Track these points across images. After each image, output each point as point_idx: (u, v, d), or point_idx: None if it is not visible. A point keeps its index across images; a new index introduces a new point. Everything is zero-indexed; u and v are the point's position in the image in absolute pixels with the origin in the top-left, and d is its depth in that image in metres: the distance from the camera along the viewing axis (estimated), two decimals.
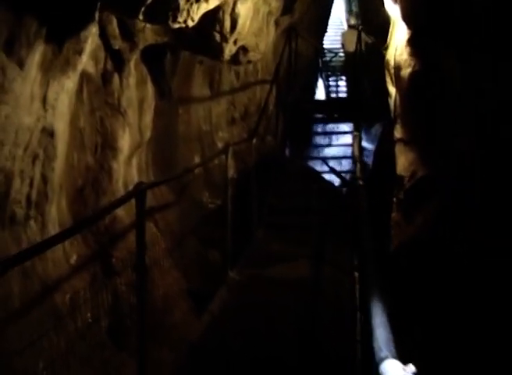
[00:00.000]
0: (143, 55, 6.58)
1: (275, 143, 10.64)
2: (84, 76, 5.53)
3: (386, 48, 6.06)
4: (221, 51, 6.02)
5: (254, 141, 7.83)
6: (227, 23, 5.64)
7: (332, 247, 6.92)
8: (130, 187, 6.26)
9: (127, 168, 6.22)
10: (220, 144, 10.17)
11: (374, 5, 12.02)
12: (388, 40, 6.04)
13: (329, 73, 17.36)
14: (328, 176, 11.23)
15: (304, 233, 7.54)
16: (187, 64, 8.73)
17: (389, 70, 5.81)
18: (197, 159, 9.63)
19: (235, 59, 6.77)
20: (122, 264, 5.38)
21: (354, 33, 14.80)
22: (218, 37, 5.78)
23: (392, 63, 5.63)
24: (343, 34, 15.32)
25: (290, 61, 11.48)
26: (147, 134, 6.72)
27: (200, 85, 9.54)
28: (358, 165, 5.25)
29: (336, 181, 11.19)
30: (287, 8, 8.15)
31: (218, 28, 5.64)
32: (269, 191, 8.70)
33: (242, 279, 5.80)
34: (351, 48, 14.18)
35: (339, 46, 18.61)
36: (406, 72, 5.25)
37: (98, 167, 5.70)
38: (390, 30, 6.02)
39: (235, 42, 6.12)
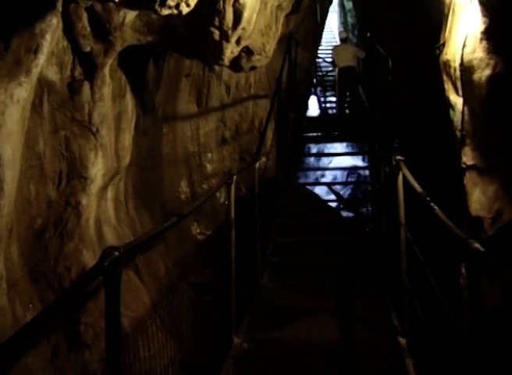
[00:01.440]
0: (121, 61, 5.32)
1: (274, 165, 9.41)
2: (44, 85, 4.27)
3: (440, 47, 4.79)
4: (220, 52, 4.75)
5: (258, 165, 6.55)
6: (229, 16, 4.38)
7: (359, 297, 5.61)
8: (105, 229, 5.00)
9: (101, 202, 4.91)
10: (209, 167, 9.12)
11: (377, 11, 10.94)
12: (445, 34, 4.77)
13: (325, 88, 16.26)
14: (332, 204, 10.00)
15: (319, 277, 6.23)
16: (172, 76, 7.67)
17: (449, 74, 4.52)
18: (183, 185, 8.54)
19: (236, 64, 5.51)
20: (94, 332, 4.07)
21: (346, 46, 13.74)
22: (217, 34, 4.52)
23: (456, 64, 4.35)
24: (335, 49, 14.12)
25: (291, 73, 10.24)
26: (126, 158, 5.43)
27: (187, 100, 8.48)
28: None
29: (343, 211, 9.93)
30: (297, 5, 6.94)
31: (217, 22, 4.39)
32: (272, 222, 7.40)
33: (251, 347, 4.45)
34: (344, 62, 13.12)
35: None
36: (482, 75, 3.97)
37: (63, 203, 4.39)
38: (449, 20, 4.75)
39: (238, 42, 4.85)
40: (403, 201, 4.28)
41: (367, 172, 11.39)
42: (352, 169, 12.42)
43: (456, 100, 4.44)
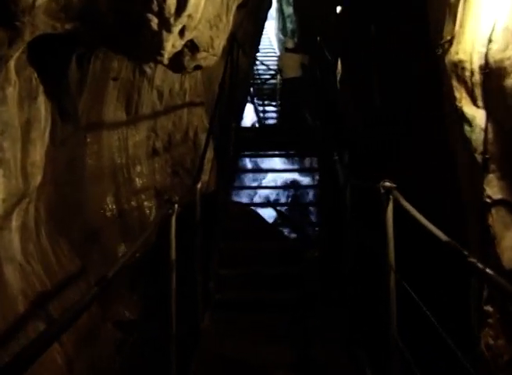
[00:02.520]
0: (31, 54, 4.28)
1: (212, 182, 8.51)
2: None
3: (444, 45, 3.91)
4: (158, 46, 3.78)
5: (199, 186, 5.62)
6: (171, 0, 3.45)
7: (321, 346, 4.71)
8: (7, 268, 3.94)
9: (1, 234, 3.87)
10: (139, 181, 8.21)
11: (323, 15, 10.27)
12: (453, 28, 3.89)
13: (263, 97, 15.50)
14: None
15: (270, 318, 5.31)
16: (99, 79, 6.69)
17: (463, 78, 3.64)
18: (109, 201, 7.54)
19: (177, 63, 4.53)
20: None
21: (293, 56, 13.06)
22: (155, 22, 3.55)
23: (474, 66, 3.49)
24: (281, 58, 13.49)
25: (232, 79, 9.39)
26: (37, 177, 4.39)
27: (115, 107, 7.53)
28: None
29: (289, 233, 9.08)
30: None
31: (155, 7, 3.43)
32: (214, 250, 6.45)
33: None
34: (291, 73, 12.46)
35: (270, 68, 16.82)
36: None
37: None
38: (459, 10, 3.86)
39: (181, 33, 3.89)
40: (393, 240, 3.43)
41: (308, 186, 10.69)
42: (293, 186, 11.65)
43: (475, 113, 3.57)
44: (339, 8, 9.89)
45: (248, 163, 12.98)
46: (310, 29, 12.95)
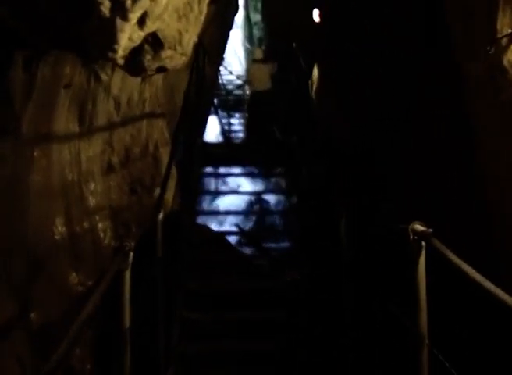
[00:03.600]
0: None
1: (175, 202, 7.76)
2: None
3: (501, 41, 3.10)
4: (110, 39, 2.93)
5: (161, 216, 4.79)
6: None
7: None
8: None
9: None
10: (92, 200, 7.49)
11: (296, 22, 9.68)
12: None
13: (228, 109, 14.92)
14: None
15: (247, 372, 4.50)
16: (48, 87, 5.99)
17: None
18: (59, 223, 6.76)
19: (135, 63, 3.67)
20: None
21: (262, 67, 12.62)
22: (106, 6, 2.69)
23: None
24: (249, 70, 13.21)
25: (198, 88, 8.70)
26: None
27: (66, 117, 6.80)
28: None
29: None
30: None
31: None
32: (177, 288, 5.58)
33: None
34: (261, 85, 12.01)
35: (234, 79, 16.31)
36: None
37: None
38: None
39: (141, 22, 3.02)
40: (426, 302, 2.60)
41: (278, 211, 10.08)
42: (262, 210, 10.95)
43: None
44: (316, 12, 9.37)
45: (211, 180, 12.27)
46: (280, 36, 12.50)
